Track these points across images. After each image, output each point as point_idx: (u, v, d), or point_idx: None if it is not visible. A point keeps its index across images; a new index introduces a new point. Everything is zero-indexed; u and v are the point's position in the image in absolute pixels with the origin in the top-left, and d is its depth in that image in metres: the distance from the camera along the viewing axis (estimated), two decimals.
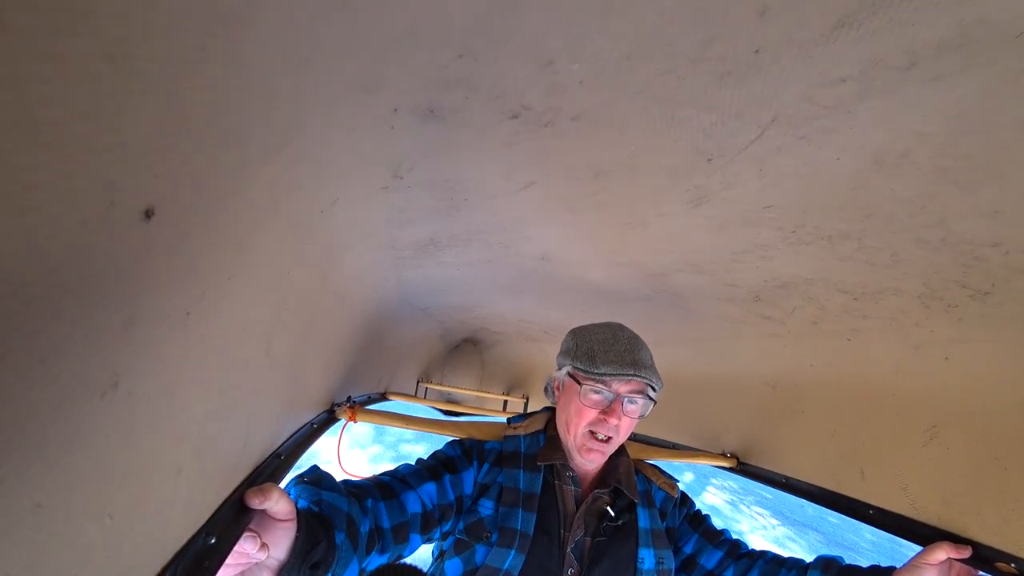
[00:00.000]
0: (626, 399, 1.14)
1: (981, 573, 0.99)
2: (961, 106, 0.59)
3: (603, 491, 1.21)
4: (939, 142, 0.66)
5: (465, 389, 4.08)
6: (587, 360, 1.16)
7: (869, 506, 1.27)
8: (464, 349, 4.44)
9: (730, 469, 1.77)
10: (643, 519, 1.22)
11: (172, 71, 0.37)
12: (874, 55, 0.55)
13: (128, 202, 0.37)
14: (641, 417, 1.18)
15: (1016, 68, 0.53)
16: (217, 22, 0.38)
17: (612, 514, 1.19)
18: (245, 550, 0.71)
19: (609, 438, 1.16)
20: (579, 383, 1.17)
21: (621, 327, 1.25)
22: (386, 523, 1.02)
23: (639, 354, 1.17)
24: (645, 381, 1.13)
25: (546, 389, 1.35)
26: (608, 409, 1.15)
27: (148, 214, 0.39)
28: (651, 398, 1.16)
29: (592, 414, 1.15)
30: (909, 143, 0.67)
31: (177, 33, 0.36)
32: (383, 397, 2.51)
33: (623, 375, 1.12)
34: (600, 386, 1.14)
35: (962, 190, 0.73)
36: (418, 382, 3.80)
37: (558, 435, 1.27)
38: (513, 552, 1.08)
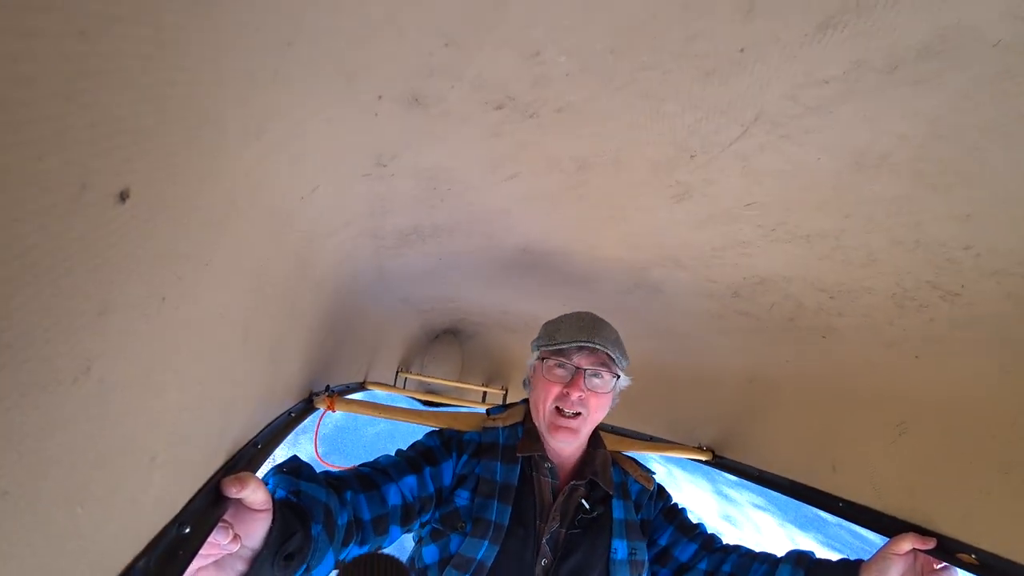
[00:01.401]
0: (588, 372, 1.17)
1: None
2: (939, 110, 0.61)
3: (579, 483, 1.22)
4: (917, 145, 0.67)
5: (445, 380, 4.07)
6: (548, 337, 1.21)
7: (839, 499, 1.30)
8: (444, 340, 4.43)
9: (705, 462, 1.80)
10: (617, 510, 1.24)
11: (148, 51, 0.36)
12: (857, 57, 0.56)
13: (102, 184, 0.36)
14: (611, 394, 1.20)
15: (991, 74, 0.54)
16: (196, 1, 0.37)
17: (587, 506, 1.20)
18: (217, 541, 0.70)
19: (577, 414, 1.18)
20: (543, 360, 1.21)
21: (589, 312, 1.30)
22: (366, 515, 1.02)
23: (599, 328, 1.21)
24: (603, 350, 1.16)
25: (524, 383, 1.37)
26: (571, 382, 1.17)
27: (123, 197, 0.38)
28: (616, 374, 1.18)
29: (556, 389, 1.18)
30: (889, 145, 0.69)
31: (154, 11, 0.35)
32: (362, 387, 2.49)
33: (578, 342, 1.16)
34: (561, 359, 1.17)
35: (937, 193, 0.75)
36: (397, 372, 3.78)
37: (536, 427, 1.28)
38: (486, 543, 1.09)
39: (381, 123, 0.76)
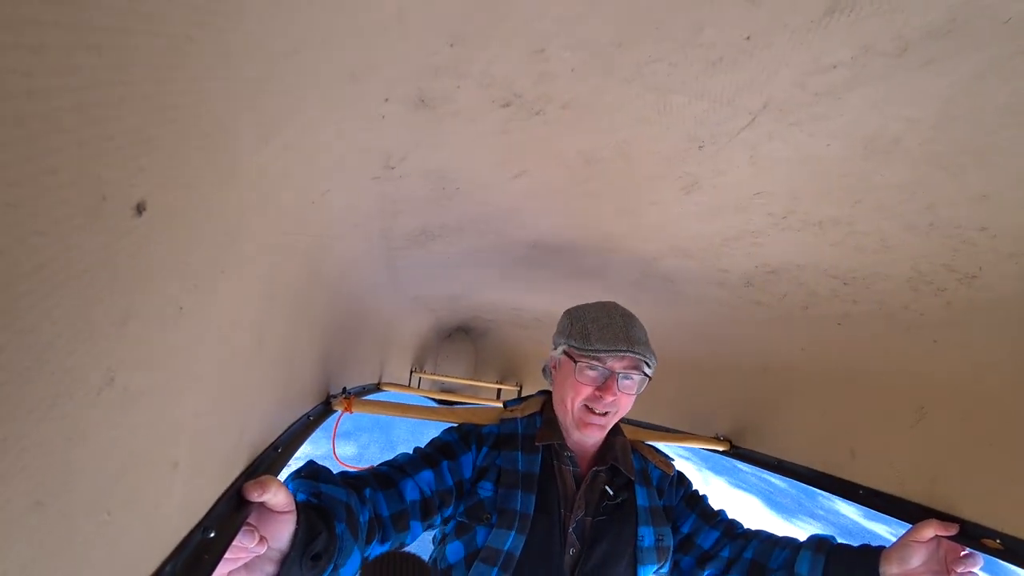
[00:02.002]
0: (621, 375, 1.15)
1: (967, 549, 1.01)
2: (951, 92, 0.60)
3: (601, 468, 1.22)
4: (929, 128, 0.66)
5: (459, 378, 4.09)
6: (581, 338, 1.18)
7: (859, 486, 1.29)
8: (457, 338, 4.45)
9: (723, 452, 1.79)
10: (641, 497, 1.24)
11: (159, 62, 0.37)
12: (865, 41, 0.55)
13: (119, 197, 0.37)
14: (637, 393, 1.20)
15: (1005, 53, 0.54)
16: (204, 11, 0.38)
17: (611, 492, 1.20)
18: (243, 544, 0.71)
19: (607, 412, 1.18)
20: (574, 361, 1.18)
21: (615, 305, 1.27)
22: (385, 512, 1.02)
23: (633, 330, 1.18)
24: (639, 357, 1.15)
25: (544, 370, 1.36)
26: (604, 386, 1.16)
27: (140, 209, 0.39)
28: (646, 374, 1.18)
29: (588, 390, 1.17)
30: (899, 129, 0.68)
31: (164, 23, 0.35)
32: (377, 388, 2.51)
33: (616, 351, 1.13)
34: (595, 363, 1.15)
35: (951, 175, 0.74)
36: (412, 372, 3.80)
37: (555, 417, 1.28)
38: (513, 533, 1.09)
39: (389, 125, 0.76)
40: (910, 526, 1.08)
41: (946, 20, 0.51)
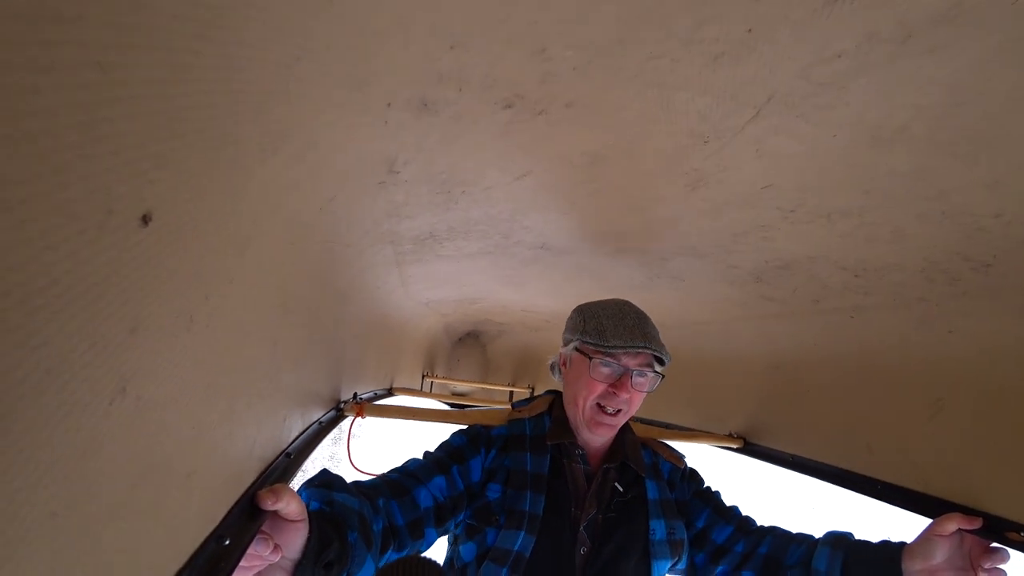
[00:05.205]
0: (635, 372, 1.15)
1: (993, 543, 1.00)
2: (957, 77, 0.59)
3: (612, 465, 1.22)
4: (936, 115, 0.65)
5: (470, 382, 4.10)
6: (597, 335, 1.16)
7: (877, 481, 1.28)
8: (468, 342, 4.46)
9: (736, 450, 1.78)
10: (651, 490, 1.23)
11: (163, 76, 0.37)
12: (868, 29, 0.55)
13: (125, 209, 0.37)
14: (649, 391, 1.19)
15: (1012, 36, 0.53)
16: (207, 25, 0.38)
17: (620, 489, 1.20)
18: (257, 552, 0.72)
19: (618, 411, 1.17)
20: (589, 357, 1.18)
21: (627, 302, 1.26)
22: (400, 520, 1.03)
23: (648, 327, 1.18)
24: (655, 353, 1.15)
25: (552, 367, 1.36)
26: (618, 383, 1.16)
27: (145, 220, 0.39)
28: (659, 371, 1.17)
29: (601, 387, 1.17)
30: (906, 117, 0.67)
31: (167, 37, 0.36)
32: (389, 393, 2.52)
33: (634, 348, 1.13)
34: (610, 359, 1.15)
35: (961, 162, 0.73)
36: (423, 377, 3.81)
37: (564, 415, 1.28)
38: (523, 533, 1.09)
39: (392, 130, 0.76)
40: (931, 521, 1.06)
41: (950, 5, 0.51)
